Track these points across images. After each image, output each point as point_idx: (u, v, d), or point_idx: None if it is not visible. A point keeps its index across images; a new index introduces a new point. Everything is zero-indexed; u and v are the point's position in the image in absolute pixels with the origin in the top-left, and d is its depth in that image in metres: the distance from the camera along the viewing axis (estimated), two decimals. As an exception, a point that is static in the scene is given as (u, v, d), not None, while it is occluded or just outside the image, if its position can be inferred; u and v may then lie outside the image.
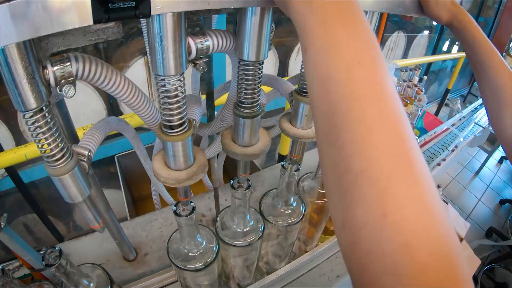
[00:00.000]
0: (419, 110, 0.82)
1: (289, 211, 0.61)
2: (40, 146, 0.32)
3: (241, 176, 0.51)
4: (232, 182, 0.50)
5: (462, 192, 2.66)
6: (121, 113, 1.64)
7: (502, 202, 2.58)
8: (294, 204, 0.62)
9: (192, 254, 0.52)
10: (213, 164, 0.79)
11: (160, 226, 0.83)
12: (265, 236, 0.61)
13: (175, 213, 0.46)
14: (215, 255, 0.52)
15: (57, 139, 0.32)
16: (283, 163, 0.57)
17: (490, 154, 2.71)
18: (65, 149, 0.34)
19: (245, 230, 0.55)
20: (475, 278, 1.78)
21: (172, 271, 0.71)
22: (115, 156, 1.31)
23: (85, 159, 0.37)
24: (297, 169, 0.56)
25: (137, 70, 1.58)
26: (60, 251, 0.43)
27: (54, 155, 0.33)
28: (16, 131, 1.50)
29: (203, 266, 0.51)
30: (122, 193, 1.11)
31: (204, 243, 0.53)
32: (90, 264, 0.53)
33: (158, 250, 0.77)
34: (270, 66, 2.09)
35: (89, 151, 0.38)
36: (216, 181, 0.81)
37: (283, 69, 2.25)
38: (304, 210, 0.61)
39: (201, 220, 0.86)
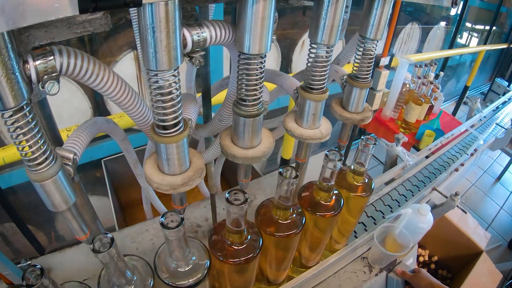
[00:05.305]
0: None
1: (288, 222, 0.58)
2: (20, 148, 0.31)
3: (242, 182, 0.50)
4: (227, 195, 0.47)
5: (483, 200, 2.63)
6: (108, 113, 1.62)
7: (526, 210, 2.55)
8: (294, 216, 0.59)
9: (181, 270, 0.50)
10: (210, 169, 0.78)
11: (151, 237, 0.81)
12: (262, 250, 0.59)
13: (162, 225, 0.43)
14: (206, 271, 0.51)
15: (39, 141, 0.32)
16: (280, 169, 0.53)
17: (513, 157, 2.67)
18: (48, 152, 0.33)
19: (241, 247, 0.53)
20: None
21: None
22: (102, 161, 1.30)
23: (70, 163, 0.37)
24: (296, 176, 0.52)
25: (126, 66, 1.54)
26: (42, 269, 0.42)
27: (36, 159, 0.32)
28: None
29: (192, 284, 0.49)
30: (110, 200, 1.10)
31: (194, 258, 0.52)
32: (77, 282, 0.53)
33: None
34: (271, 61, 2.06)
35: (75, 154, 0.38)
36: (213, 187, 0.81)
37: (286, 65, 2.19)
38: (304, 222, 0.58)
39: (196, 231, 0.85)
